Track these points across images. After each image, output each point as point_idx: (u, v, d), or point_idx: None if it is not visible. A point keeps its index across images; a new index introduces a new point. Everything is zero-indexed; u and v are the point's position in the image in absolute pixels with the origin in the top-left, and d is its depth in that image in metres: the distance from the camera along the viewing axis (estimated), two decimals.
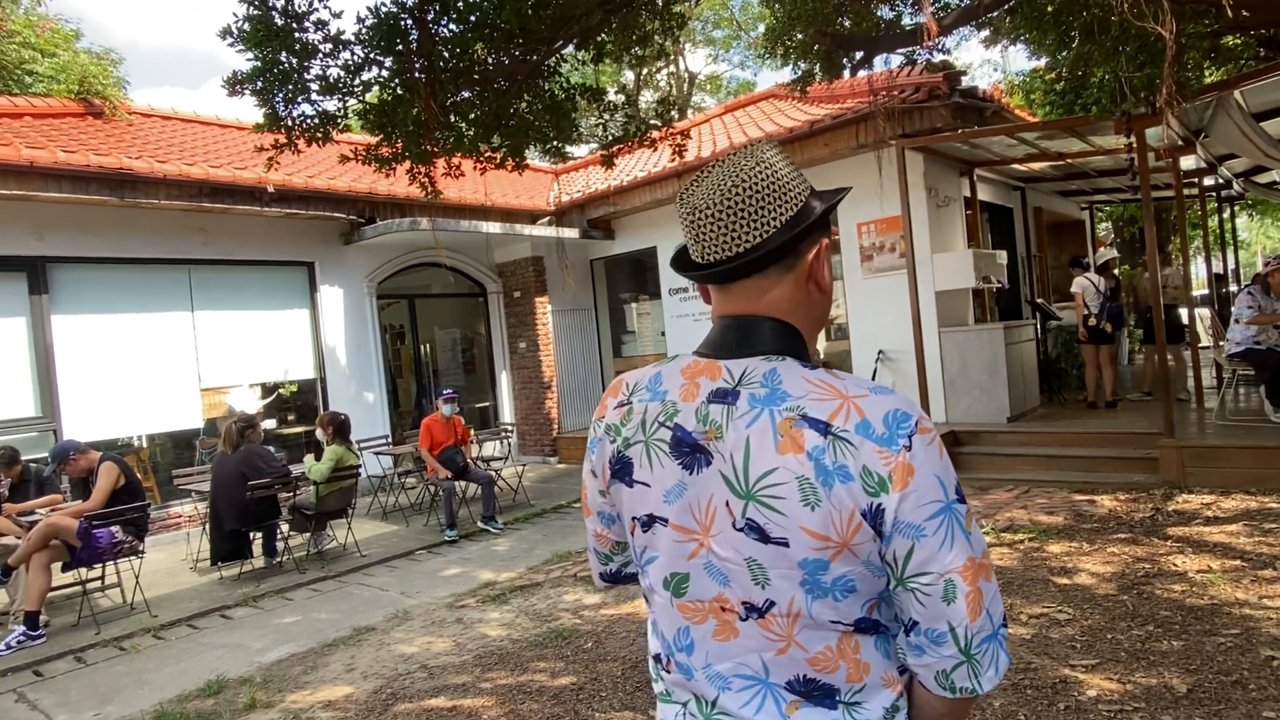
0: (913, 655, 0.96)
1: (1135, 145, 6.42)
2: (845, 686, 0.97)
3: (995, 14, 5.98)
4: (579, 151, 21.18)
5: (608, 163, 5.72)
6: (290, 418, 9.70)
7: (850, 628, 0.96)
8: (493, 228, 9.89)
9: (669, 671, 1.07)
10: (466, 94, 4.54)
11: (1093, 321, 8.32)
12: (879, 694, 0.98)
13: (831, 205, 1.05)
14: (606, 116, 5.42)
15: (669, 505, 1.01)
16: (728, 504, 0.96)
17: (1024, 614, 4.06)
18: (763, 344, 1.00)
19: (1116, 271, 9.20)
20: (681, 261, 1.10)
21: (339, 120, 4.47)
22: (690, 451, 0.99)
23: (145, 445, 8.47)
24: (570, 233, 11.11)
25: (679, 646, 1.04)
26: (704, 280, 1.07)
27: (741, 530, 0.95)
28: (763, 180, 1.01)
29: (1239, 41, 8.57)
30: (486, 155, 4.84)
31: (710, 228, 1.01)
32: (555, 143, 5.11)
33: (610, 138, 5.56)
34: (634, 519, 1.07)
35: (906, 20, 6.21)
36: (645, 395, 1.06)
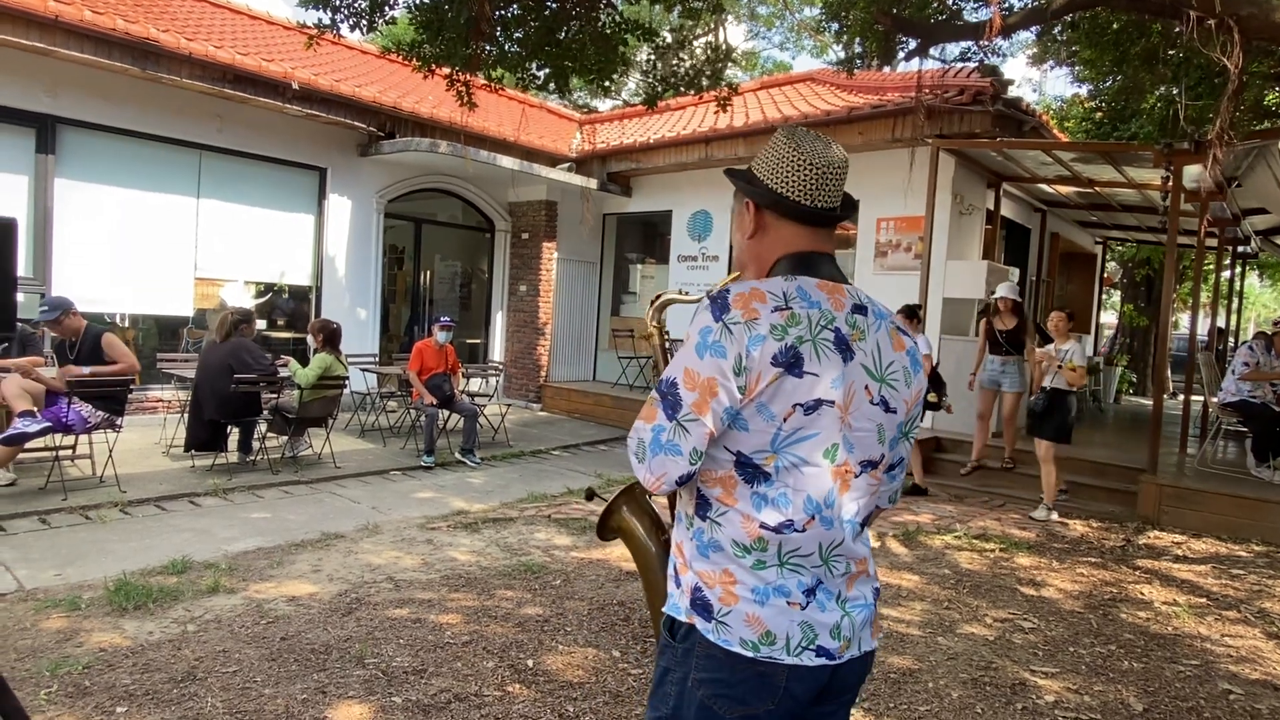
0: (891, 484, 1.44)
1: (1172, 182, 6.38)
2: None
3: (1059, 21, 5.88)
4: (605, 107, 20.88)
5: (650, 103, 5.58)
6: (280, 322, 9.57)
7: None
8: (512, 163, 9.74)
9: (804, 530, 1.29)
10: (516, 9, 4.41)
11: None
12: None
13: None
14: (655, 57, 5.29)
15: (835, 390, 1.29)
16: (867, 386, 1.33)
17: (989, 616, 4.10)
18: (844, 276, 1.39)
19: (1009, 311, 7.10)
20: (793, 207, 1.36)
21: (387, 8, 4.32)
22: (845, 348, 1.31)
23: (130, 325, 8.34)
24: (588, 182, 10.96)
25: (827, 504, 1.31)
26: (839, 220, 1.42)
27: (877, 404, 1.34)
28: None
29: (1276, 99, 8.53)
30: (529, 75, 4.73)
31: (842, 180, 1.39)
32: (597, 76, 4.98)
33: (656, 78, 5.43)
34: (795, 405, 1.27)
35: (969, 15, 6.10)
36: (802, 304, 1.30)
